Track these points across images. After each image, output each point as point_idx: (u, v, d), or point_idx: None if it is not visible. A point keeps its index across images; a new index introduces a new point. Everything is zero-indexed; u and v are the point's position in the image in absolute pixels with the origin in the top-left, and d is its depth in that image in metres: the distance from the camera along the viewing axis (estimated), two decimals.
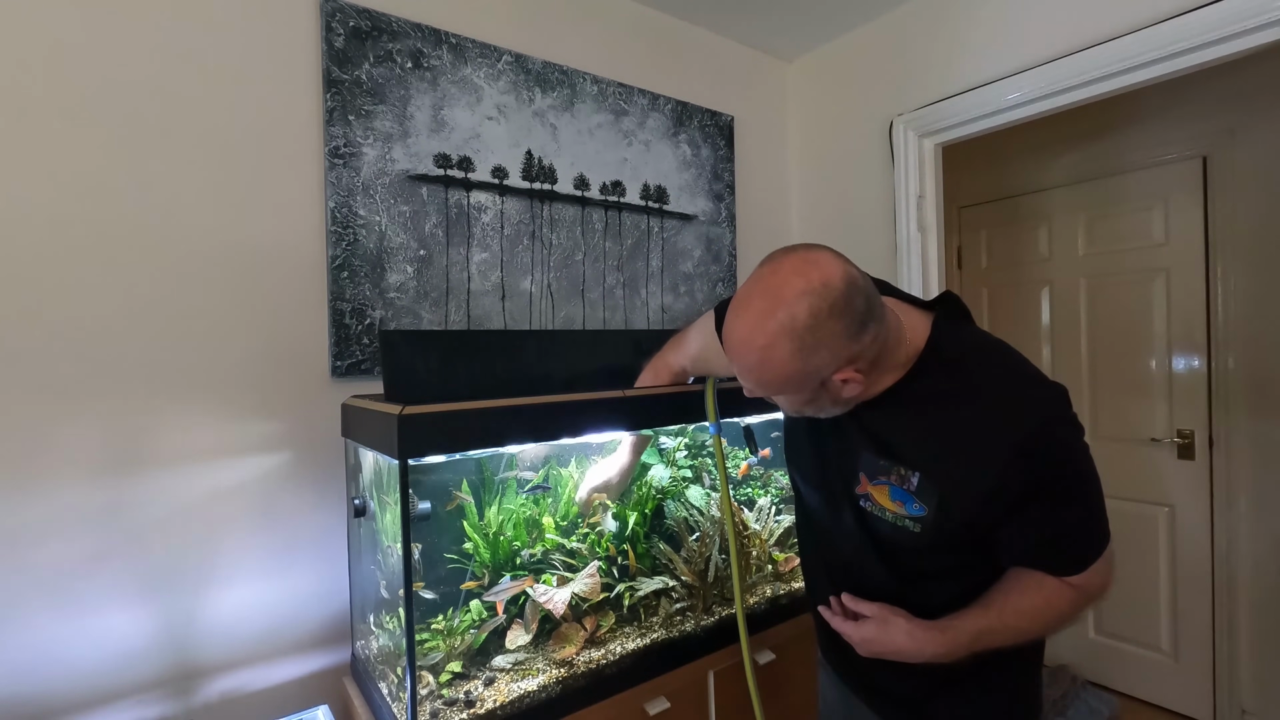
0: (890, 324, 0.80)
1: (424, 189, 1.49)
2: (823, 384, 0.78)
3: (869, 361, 0.78)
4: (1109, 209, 2.46)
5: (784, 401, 0.85)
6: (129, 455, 1.18)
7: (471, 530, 1.21)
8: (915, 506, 0.82)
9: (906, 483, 0.82)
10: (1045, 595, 0.81)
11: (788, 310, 0.72)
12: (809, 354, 0.74)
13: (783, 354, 0.74)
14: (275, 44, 1.33)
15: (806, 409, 0.85)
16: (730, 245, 2.12)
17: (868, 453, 0.87)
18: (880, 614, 0.88)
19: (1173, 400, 2.30)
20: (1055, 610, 0.82)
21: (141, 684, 1.18)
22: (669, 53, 2.01)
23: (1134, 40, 1.48)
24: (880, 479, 0.85)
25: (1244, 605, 2.16)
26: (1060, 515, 0.79)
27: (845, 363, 0.76)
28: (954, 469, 0.79)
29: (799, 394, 0.80)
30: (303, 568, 1.35)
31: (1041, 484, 0.76)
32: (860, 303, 0.74)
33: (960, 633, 0.83)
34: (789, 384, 0.78)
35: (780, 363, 0.75)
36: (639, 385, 1.27)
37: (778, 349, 0.74)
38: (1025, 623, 0.82)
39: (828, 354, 0.74)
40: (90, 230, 1.15)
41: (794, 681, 1.42)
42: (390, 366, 1.10)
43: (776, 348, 0.74)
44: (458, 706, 1.03)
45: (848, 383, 0.77)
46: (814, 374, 0.76)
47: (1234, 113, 2.17)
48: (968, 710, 0.92)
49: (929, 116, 1.90)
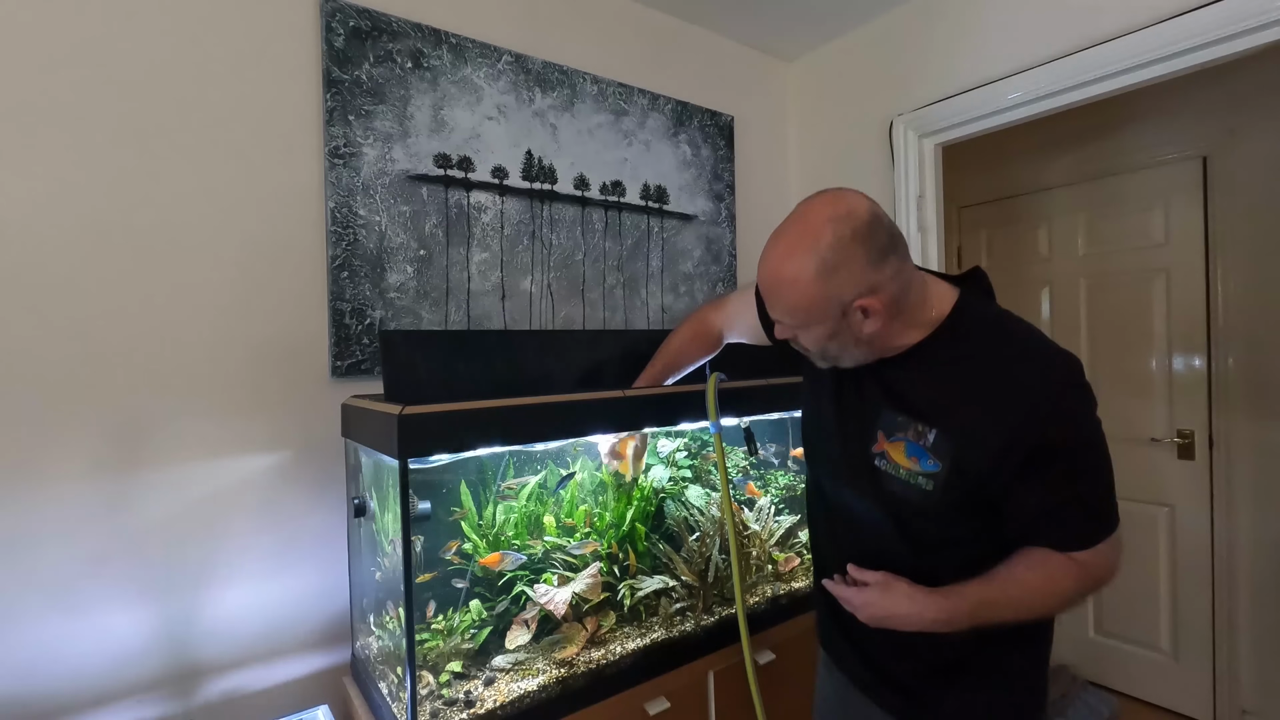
0: (914, 278, 0.85)
1: (424, 189, 1.49)
2: (844, 313, 0.82)
3: (890, 298, 0.81)
4: (1109, 209, 2.46)
5: (810, 338, 0.87)
6: (129, 455, 1.18)
7: (470, 530, 1.21)
8: (930, 463, 0.84)
9: (923, 439, 0.84)
10: (1049, 571, 0.81)
11: (814, 234, 0.80)
12: (830, 274, 0.79)
13: (807, 273, 0.80)
14: (275, 44, 1.33)
15: (831, 347, 0.87)
16: (730, 245, 2.12)
17: (888, 410, 0.89)
18: (883, 579, 0.90)
19: (1173, 400, 2.30)
20: (1058, 587, 0.81)
21: (142, 684, 1.18)
22: (669, 53, 2.01)
23: (1134, 40, 1.48)
24: (897, 435, 0.87)
25: (1244, 605, 2.16)
26: (1068, 484, 0.79)
27: (866, 290, 0.80)
28: (970, 425, 0.81)
29: (823, 324, 0.84)
30: (303, 568, 1.35)
31: (1052, 448, 0.78)
32: (882, 235, 0.80)
33: (961, 599, 0.84)
34: (814, 308, 0.82)
35: (805, 283, 0.80)
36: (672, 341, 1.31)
37: (803, 269, 0.80)
38: (1027, 597, 0.82)
39: (848, 276, 0.79)
40: (90, 230, 1.15)
41: (794, 681, 1.42)
42: (390, 366, 1.10)
43: (802, 269, 0.80)
44: (458, 706, 1.03)
45: (869, 315, 0.81)
46: (835, 297, 0.80)
47: (1234, 113, 2.17)
48: (971, 699, 0.91)
49: (929, 116, 1.90)
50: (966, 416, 0.82)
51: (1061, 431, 0.78)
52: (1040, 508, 0.80)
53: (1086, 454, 0.80)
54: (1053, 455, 0.78)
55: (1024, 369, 0.81)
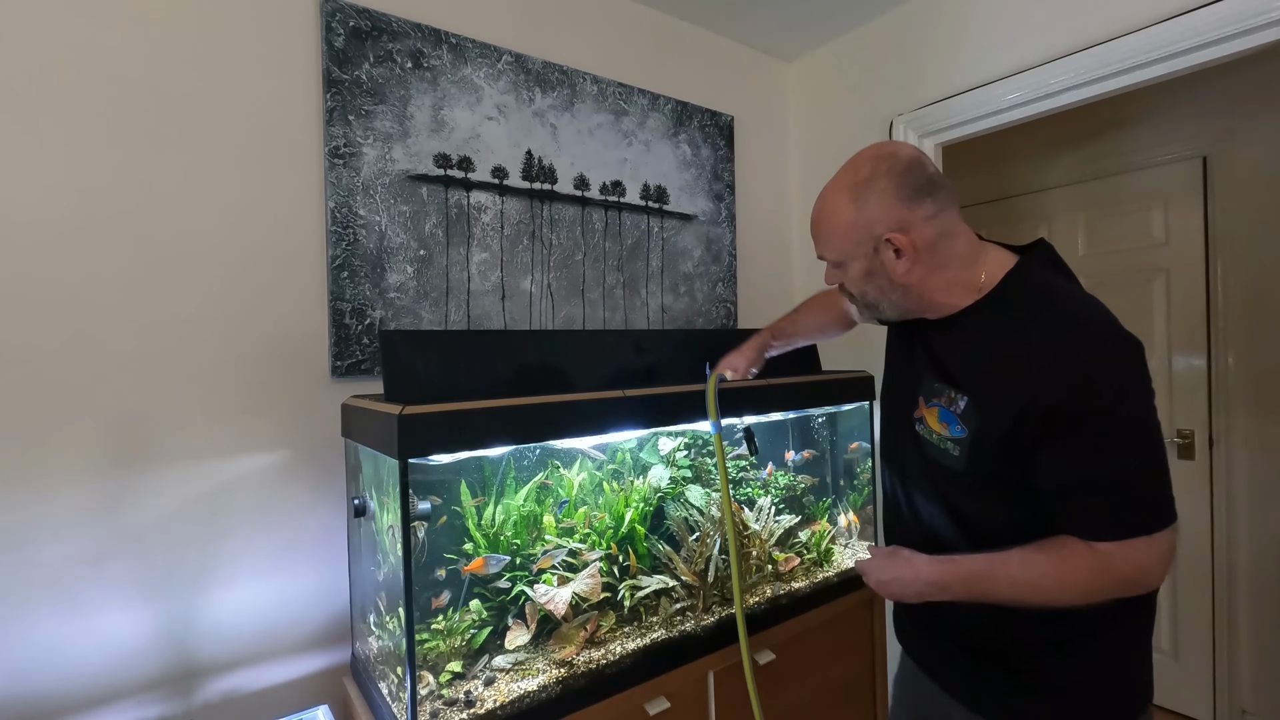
0: (960, 232, 0.87)
1: (424, 189, 1.49)
2: (876, 248, 0.86)
3: (924, 241, 0.84)
4: (1109, 209, 2.46)
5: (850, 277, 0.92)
6: (129, 455, 1.18)
7: (474, 529, 1.21)
8: (957, 428, 0.83)
9: (954, 405, 0.84)
10: (1062, 557, 0.75)
11: (854, 169, 0.88)
12: (862, 203, 0.85)
13: (842, 201, 0.87)
14: (275, 44, 1.33)
15: (870, 290, 0.91)
16: (730, 245, 2.12)
17: (928, 376, 0.91)
18: (891, 549, 0.93)
19: (1173, 400, 2.30)
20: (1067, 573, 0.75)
21: (141, 684, 1.18)
22: (669, 53, 2.01)
23: (1134, 40, 1.48)
24: (934, 401, 0.88)
25: (1244, 605, 2.16)
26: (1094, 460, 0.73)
27: (896, 226, 0.84)
28: (994, 391, 0.80)
29: (858, 259, 0.89)
30: (303, 568, 1.35)
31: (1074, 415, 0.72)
32: (919, 176, 0.84)
33: (956, 565, 0.84)
34: (848, 236, 0.88)
35: (840, 209, 0.88)
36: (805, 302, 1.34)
37: (840, 199, 0.88)
38: (1030, 578, 0.77)
39: (878, 208, 0.84)
40: (89, 230, 1.15)
41: (794, 681, 1.42)
42: (390, 366, 1.10)
43: (839, 198, 0.88)
44: (458, 706, 1.03)
45: (900, 255, 0.84)
46: (867, 227, 0.85)
47: (1234, 113, 2.17)
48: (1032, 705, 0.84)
49: (929, 116, 1.90)
50: (994, 383, 0.80)
51: (1087, 399, 0.72)
52: (1062, 484, 0.75)
53: (1120, 430, 0.72)
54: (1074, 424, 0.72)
55: (1059, 336, 0.76)
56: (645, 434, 1.45)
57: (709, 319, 2.06)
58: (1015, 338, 0.79)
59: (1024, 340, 0.78)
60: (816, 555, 1.62)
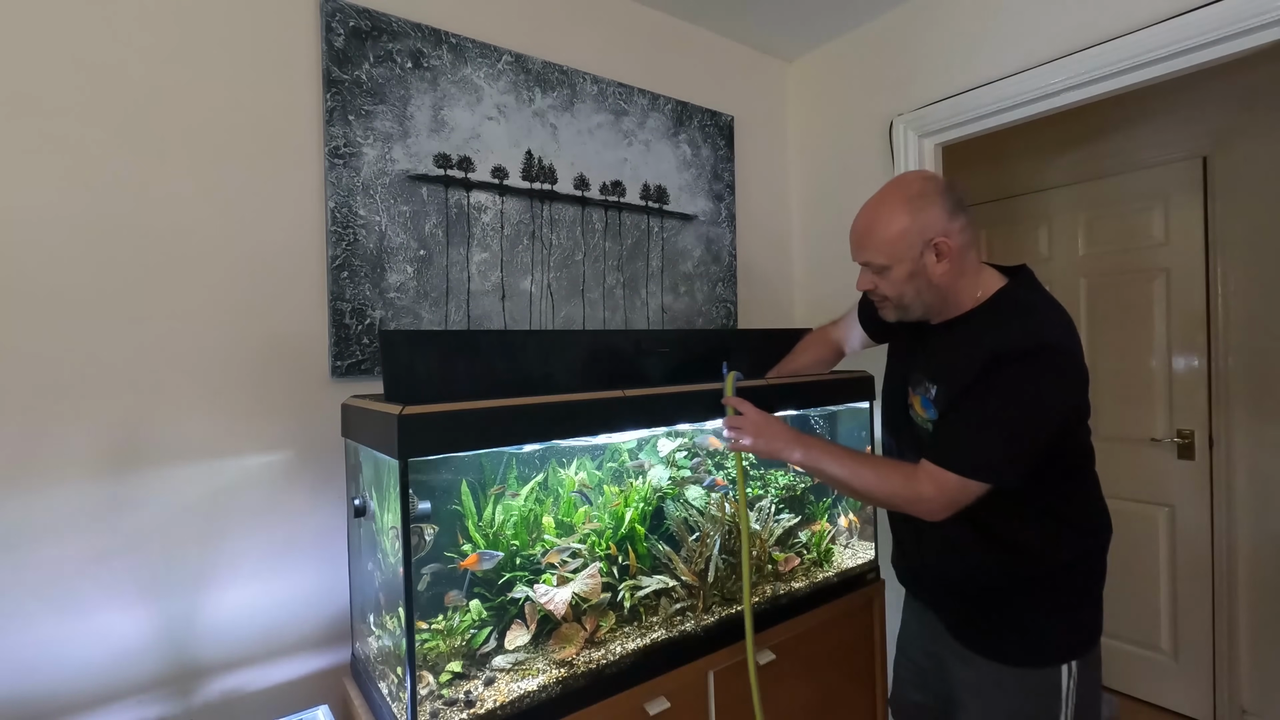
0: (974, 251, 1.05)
1: (424, 189, 1.49)
2: (922, 251, 1.00)
3: (959, 247, 1.01)
4: (1109, 209, 2.46)
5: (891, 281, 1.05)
6: (129, 455, 1.18)
7: (474, 529, 1.21)
8: (932, 411, 1.04)
9: (928, 392, 1.04)
10: (893, 463, 1.04)
11: (905, 184, 1.04)
12: (918, 210, 1.00)
13: (899, 208, 1.01)
14: (275, 44, 1.33)
15: (909, 291, 1.04)
16: (730, 245, 2.12)
17: (918, 371, 1.09)
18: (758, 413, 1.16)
19: (1173, 400, 2.30)
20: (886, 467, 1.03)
21: (141, 684, 1.18)
22: (669, 53, 2.01)
23: (1134, 40, 1.48)
24: (918, 390, 1.08)
25: (1244, 605, 2.16)
26: (969, 410, 0.96)
27: (942, 231, 0.99)
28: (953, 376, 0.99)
29: (904, 263, 1.02)
30: (303, 568, 1.35)
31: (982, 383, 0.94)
32: (957, 195, 1.02)
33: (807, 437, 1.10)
34: (901, 240, 1.01)
35: (897, 214, 1.01)
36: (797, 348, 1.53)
37: (896, 206, 1.02)
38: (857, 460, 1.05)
39: (931, 215, 0.99)
40: (89, 230, 1.15)
41: (794, 681, 1.42)
42: (390, 366, 1.10)
43: (895, 205, 1.02)
44: (458, 706, 1.03)
45: (941, 257, 1.00)
46: (920, 231, 1.00)
47: (1234, 113, 2.17)
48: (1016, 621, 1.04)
49: (929, 116, 1.90)
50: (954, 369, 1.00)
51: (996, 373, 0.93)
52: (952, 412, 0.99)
53: (1002, 398, 0.93)
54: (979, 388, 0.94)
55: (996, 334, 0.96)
56: (645, 434, 1.45)
57: (709, 319, 2.06)
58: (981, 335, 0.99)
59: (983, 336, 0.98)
60: (816, 555, 1.62)
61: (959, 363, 0.99)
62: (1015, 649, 1.04)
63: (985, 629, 1.08)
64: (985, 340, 0.96)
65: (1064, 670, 1.02)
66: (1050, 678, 1.02)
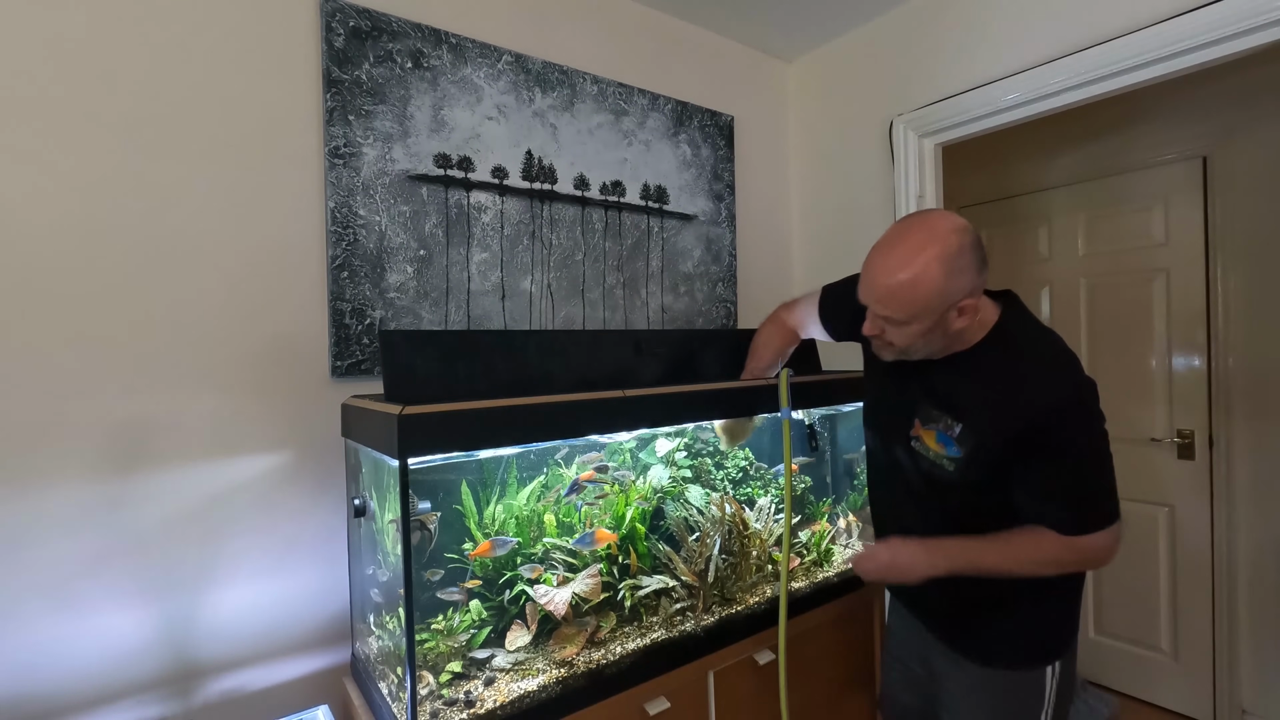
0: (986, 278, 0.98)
1: (424, 189, 1.49)
2: (945, 312, 0.94)
3: (978, 298, 0.96)
4: (1109, 209, 2.46)
5: (901, 335, 0.99)
6: (129, 455, 1.18)
7: (474, 528, 1.21)
8: (954, 449, 1.01)
9: (950, 430, 1.01)
10: (1037, 540, 0.97)
11: (942, 241, 0.92)
12: (953, 276, 0.91)
13: (934, 274, 0.91)
14: (275, 44, 1.33)
15: (917, 344, 1.00)
16: (730, 245, 2.12)
17: (926, 403, 1.05)
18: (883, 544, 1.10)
19: (1173, 400, 2.30)
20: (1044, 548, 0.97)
21: (141, 684, 1.18)
22: (669, 53, 2.01)
23: (1134, 40, 1.48)
24: (930, 424, 1.04)
25: (1244, 605, 2.16)
26: (1062, 482, 0.95)
27: (970, 292, 0.94)
28: (985, 425, 0.97)
29: (924, 320, 0.95)
30: (303, 568, 1.35)
31: (1046, 451, 0.93)
32: (982, 248, 0.96)
33: (941, 542, 1.04)
34: (928, 306, 0.93)
35: (930, 282, 0.91)
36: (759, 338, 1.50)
37: (931, 270, 0.91)
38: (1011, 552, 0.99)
39: (963, 280, 0.92)
40: (89, 230, 1.15)
41: (793, 681, 1.42)
42: (390, 366, 1.10)
43: (930, 269, 0.91)
44: (458, 706, 1.03)
45: (963, 313, 0.95)
46: (948, 297, 0.93)
47: (1234, 113, 2.16)
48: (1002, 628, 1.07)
49: (929, 116, 1.90)
50: (985, 418, 0.97)
51: (1055, 438, 0.93)
52: (1039, 496, 0.97)
53: (1079, 460, 0.95)
54: (1047, 457, 0.94)
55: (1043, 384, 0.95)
56: (645, 434, 1.45)
57: (709, 319, 2.06)
58: (1005, 379, 0.97)
59: (1012, 382, 0.97)
60: (816, 555, 1.62)
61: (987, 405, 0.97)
62: (1003, 653, 1.07)
63: (973, 634, 1.10)
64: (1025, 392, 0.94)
65: (1048, 671, 1.05)
66: (1036, 679, 1.05)
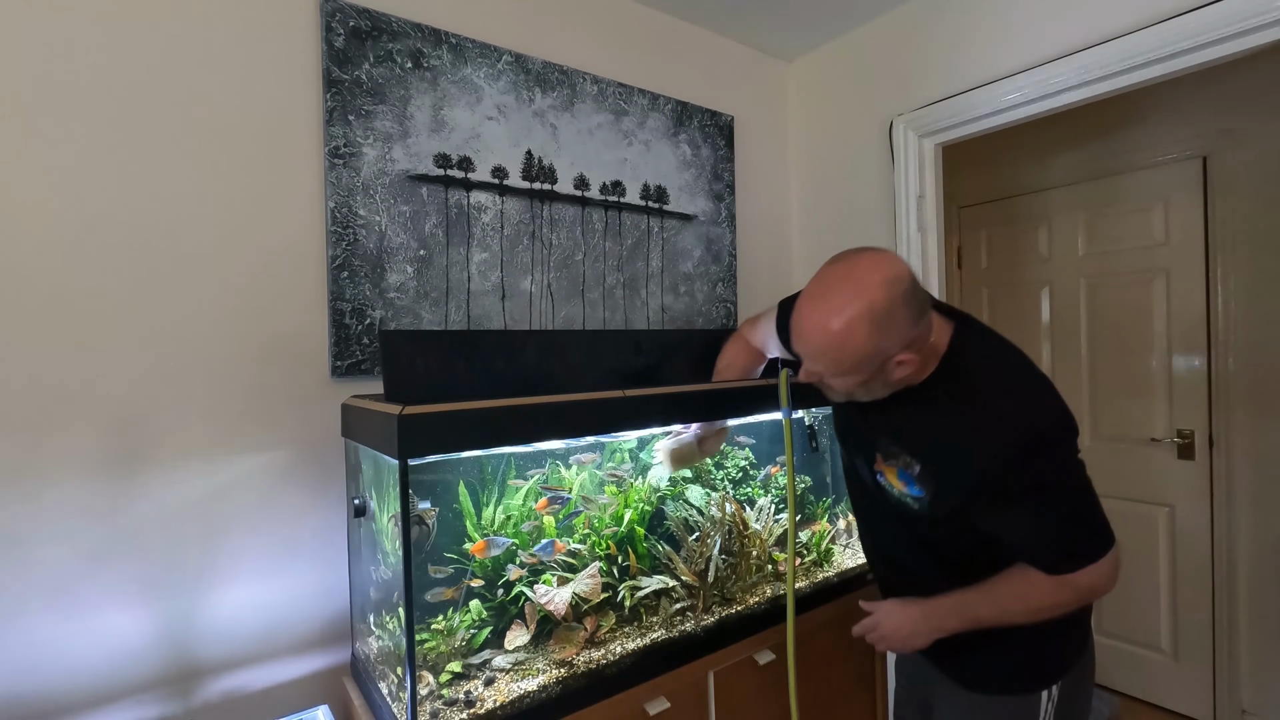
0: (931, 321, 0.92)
1: (424, 189, 1.49)
2: (882, 365, 0.88)
3: (919, 346, 0.90)
4: (1109, 209, 2.46)
5: (841, 384, 0.93)
6: (129, 455, 1.18)
7: (472, 529, 1.21)
8: (915, 489, 0.97)
9: (910, 468, 0.96)
10: (1030, 583, 0.93)
11: (869, 297, 0.84)
12: (883, 334, 0.85)
13: (861, 334, 0.84)
14: (275, 44, 1.33)
15: (858, 391, 0.94)
16: (730, 245, 2.12)
17: (884, 438, 1.01)
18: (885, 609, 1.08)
19: (1173, 400, 2.30)
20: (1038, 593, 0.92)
21: (141, 684, 1.18)
22: (669, 53, 2.01)
23: (1134, 40, 1.48)
24: (890, 461, 1.00)
25: (1244, 605, 2.16)
26: (1039, 521, 0.90)
27: (906, 345, 0.87)
28: (947, 466, 0.92)
29: (859, 374, 0.89)
30: (303, 568, 1.35)
31: (1022, 492, 0.88)
32: (921, 294, 0.88)
33: (938, 605, 1.01)
34: (860, 363, 0.87)
35: (858, 343, 0.85)
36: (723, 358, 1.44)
37: (857, 330, 0.84)
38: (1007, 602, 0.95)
39: (896, 336, 0.86)
40: (89, 230, 1.15)
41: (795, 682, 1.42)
42: (390, 366, 1.10)
43: (856, 329, 0.84)
44: (458, 706, 1.03)
45: (902, 364, 0.88)
46: (881, 354, 0.86)
47: (1234, 113, 2.17)
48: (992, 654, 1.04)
49: (929, 116, 1.90)
50: (945, 459, 0.92)
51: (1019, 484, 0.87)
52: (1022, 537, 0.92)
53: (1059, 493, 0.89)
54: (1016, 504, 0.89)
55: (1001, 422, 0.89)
56: (645, 434, 1.45)
57: (709, 319, 2.06)
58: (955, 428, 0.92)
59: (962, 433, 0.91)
60: (816, 555, 1.62)
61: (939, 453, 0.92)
62: (993, 681, 1.05)
63: (961, 662, 1.08)
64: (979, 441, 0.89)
65: (1044, 695, 1.02)
66: (1030, 704, 1.03)
